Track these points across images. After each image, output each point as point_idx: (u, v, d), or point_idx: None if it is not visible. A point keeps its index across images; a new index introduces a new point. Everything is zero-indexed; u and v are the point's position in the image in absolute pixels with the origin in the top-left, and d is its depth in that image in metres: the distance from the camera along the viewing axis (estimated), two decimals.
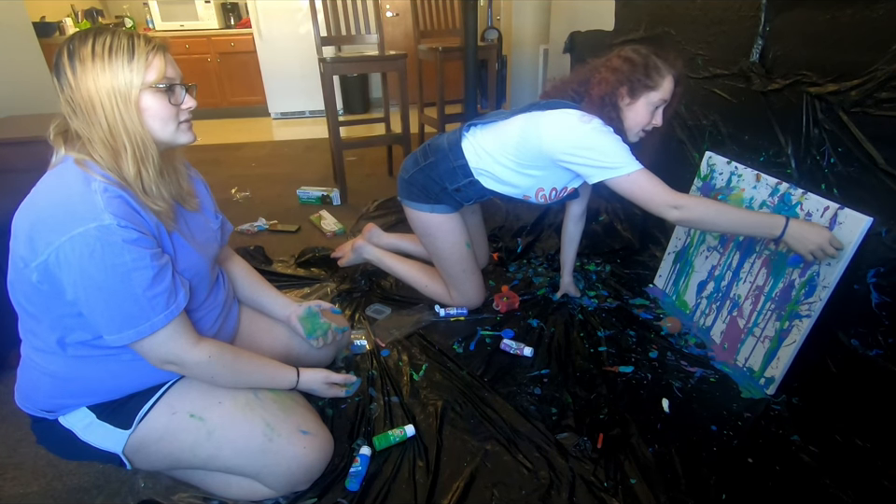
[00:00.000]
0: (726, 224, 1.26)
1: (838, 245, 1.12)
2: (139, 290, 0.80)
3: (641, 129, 1.36)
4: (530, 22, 4.00)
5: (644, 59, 1.30)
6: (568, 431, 1.23)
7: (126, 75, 0.79)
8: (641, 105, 1.32)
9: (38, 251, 0.77)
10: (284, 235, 2.44)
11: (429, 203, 1.56)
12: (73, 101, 0.79)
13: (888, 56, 1.03)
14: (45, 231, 0.76)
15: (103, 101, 0.78)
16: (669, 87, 1.31)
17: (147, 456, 0.97)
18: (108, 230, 0.76)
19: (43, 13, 4.29)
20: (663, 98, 1.31)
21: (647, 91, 1.30)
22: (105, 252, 0.76)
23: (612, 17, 2.32)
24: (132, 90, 0.79)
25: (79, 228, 0.75)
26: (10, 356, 1.45)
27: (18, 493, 1.12)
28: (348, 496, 1.07)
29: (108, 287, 0.78)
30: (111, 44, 0.78)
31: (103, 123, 0.79)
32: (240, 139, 4.30)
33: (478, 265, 1.73)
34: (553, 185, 1.47)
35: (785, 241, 1.17)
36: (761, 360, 1.34)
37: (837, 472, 1.07)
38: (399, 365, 1.48)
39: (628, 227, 2.20)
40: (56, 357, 0.89)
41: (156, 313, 0.83)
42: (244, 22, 4.89)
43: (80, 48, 0.78)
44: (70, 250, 0.75)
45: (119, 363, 0.91)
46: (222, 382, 0.98)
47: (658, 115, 1.34)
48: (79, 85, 0.78)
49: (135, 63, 0.79)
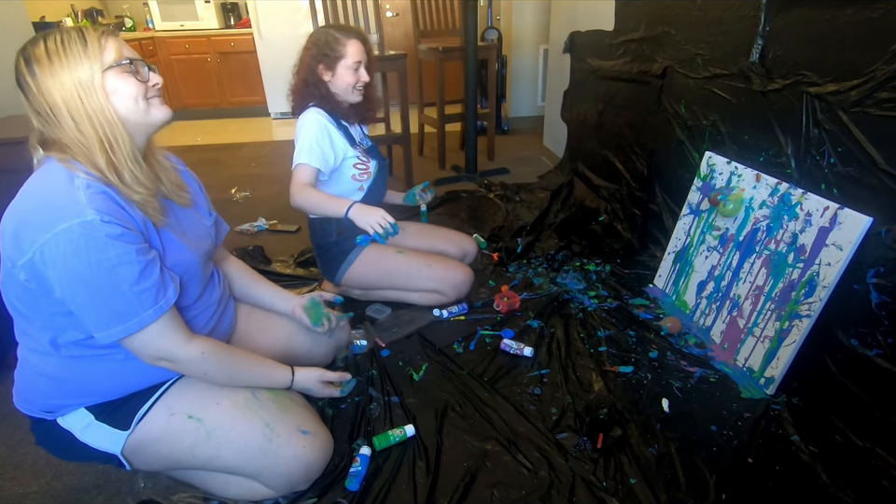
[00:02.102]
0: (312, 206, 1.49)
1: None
2: (125, 286, 0.80)
3: (353, 87, 1.55)
4: (530, 22, 4.00)
5: (325, 35, 1.52)
6: (568, 431, 1.23)
7: (85, 64, 0.79)
8: (342, 72, 1.52)
9: (24, 250, 0.77)
10: (283, 235, 2.44)
11: (344, 261, 1.68)
12: (39, 107, 0.79)
13: (888, 56, 1.03)
14: (30, 230, 0.76)
15: (66, 99, 0.78)
16: (357, 48, 1.51)
17: (146, 457, 0.97)
18: (91, 225, 0.75)
19: (43, 13, 4.29)
20: (356, 60, 1.52)
21: (338, 60, 1.51)
22: (90, 248, 0.76)
23: (612, 17, 2.33)
24: (94, 76, 0.79)
25: (63, 224, 0.74)
26: (10, 356, 1.45)
27: (18, 493, 1.12)
28: (348, 496, 1.07)
29: (94, 283, 0.78)
30: (62, 39, 0.78)
31: (69, 122, 0.79)
32: (240, 139, 4.30)
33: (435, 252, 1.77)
34: (352, 175, 1.61)
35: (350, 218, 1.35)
36: (760, 360, 1.34)
37: (837, 472, 1.07)
38: (399, 365, 1.48)
39: (628, 227, 2.20)
40: (50, 357, 0.89)
41: (144, 308, 0.82)
42: (243, 22, 4.89)
43: (34, 51, 0.78)
44: (54, 247, 0.75)
45: (114, 362, 0.90)
46: (216, 379, 0.98)
47: (362, 72, 1.54)
48: (41, 89, 0.78)
49: (90, 49, 0.79)
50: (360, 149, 1.63)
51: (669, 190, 1.94)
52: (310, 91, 1.54)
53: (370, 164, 1.64)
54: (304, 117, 1.54)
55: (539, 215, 2.46)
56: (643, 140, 2.12)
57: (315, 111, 1.53)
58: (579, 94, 2.83)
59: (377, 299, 1.79)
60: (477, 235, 2.21)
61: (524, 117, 4.37)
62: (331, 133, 1.54)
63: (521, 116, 4.37)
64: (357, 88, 1.56)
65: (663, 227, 1.97)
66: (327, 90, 1.55)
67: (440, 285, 1.69)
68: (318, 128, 1.51)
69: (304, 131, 1.51)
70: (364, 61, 1.54)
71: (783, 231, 1.32)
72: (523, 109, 4.36)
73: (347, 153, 1.58)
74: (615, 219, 2.29)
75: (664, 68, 1.89)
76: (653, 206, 2.04)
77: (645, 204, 2.09)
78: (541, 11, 3.89)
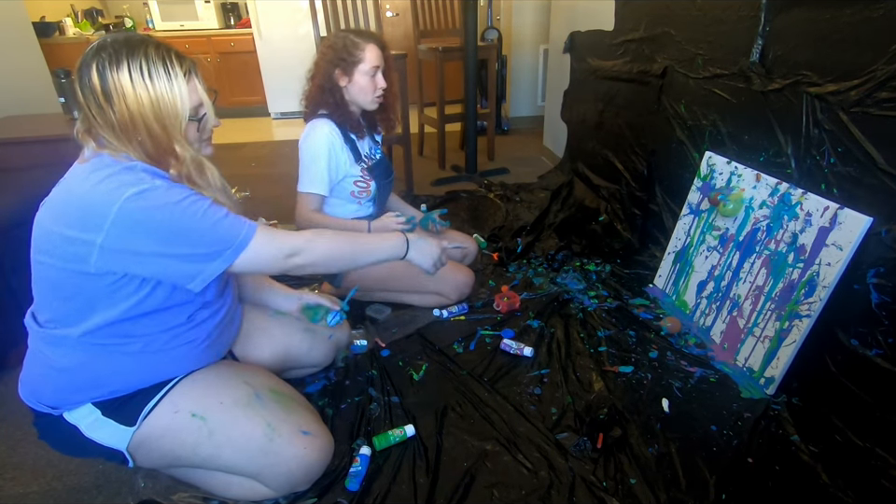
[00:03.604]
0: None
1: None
2: (211, 214, 0.85)
3: (372, 95, 1.52)
4: (530, 22, 4.00)
5: (342, 40, 1.49)
6: (568, 431, 1.23)
7: (171, 104, 0.83)
8: (358, 77, 1.49)
9: (96, 228, 0.78)
10: None
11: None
12: (106, 121, 0.82)
13: (888, 56, 1.03)
14: (97, 206, 0.78)
15: (149, 125, 0.82)
16: (375, 53, 1.49)
17: (148, 453, 0.97)
18: (154, 186, 0.81)
19: (43, 13, 4.29)
20: (374, 65, 1.49)
21: (356, 65, 1.48)
22: (161, 198, 0.81)
23: (612, 17, 2.32)
24: (179, 122, 0.84)
25: (130, 190, 0.79)
26: (10, 356, 1.45)
27: (18, 493, 1.12)
28: (348, 496, 1.07)
29: (182, 222, 0.82)
30: (149, 71, 0.81)
31: (147, 143, 0.83)
32: (240, 139, 4.29)
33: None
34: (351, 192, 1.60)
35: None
36: (761, 360, 1.34)
37: (837, 472, 1.07)
38: (399, 365, 1.48)
39: (628, 227, 2.20)
40: (68, 347, 0.89)
41: (240, 225, 0.88)
42: (243, 22, 4.89)
43: (115, 73, 0.79)
44: (129, 212, 0.79)
45: (126, 356, 0.91)
46: (344, 252, 1.04)
47: (379, 78, 1.52)
48: (116, 110, 0.81)
49: (175, 89, 0.83)
50: (364, 167, 1.61)
51: (669, 190, 1.94)
52: (325, 97, 1.52)
53: (370, 185, 1.62)
54: (313, 133, 1.51)
55: (539, 215, 2.46)
56: (643, 140, 2.12)
57: (324, 124, 1.51)
58: (579, 94, 2.83)
59: (377, 299, 1.79)
60: (477, 235, 2.21)
61: (523, 117, 4.37)
62: (337, 153, 1.53)
63: (521, 116, 4.37)
64: (376, 95, 1.53)
65: (663, 227, 1.97)
66: (342, 96, 1.52)
67: (441, 287, 1.69)
68: (326, 149, 1.50)
69: (310, 153, 1.50)
70: (382, 66, 1.52)
71: (783, 231, 1.32)
72: (522, 109, 4.37)
73: (350, 171, 1.57)
74: (615, 219, 2.29)
75: (664, 68, 1.89)
76: (653, 206, 2.04)
77: (645, 204, 2.09)
78: (541, 11, 3.89)
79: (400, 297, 1.75)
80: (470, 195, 2.82)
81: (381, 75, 1.52)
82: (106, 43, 0.81)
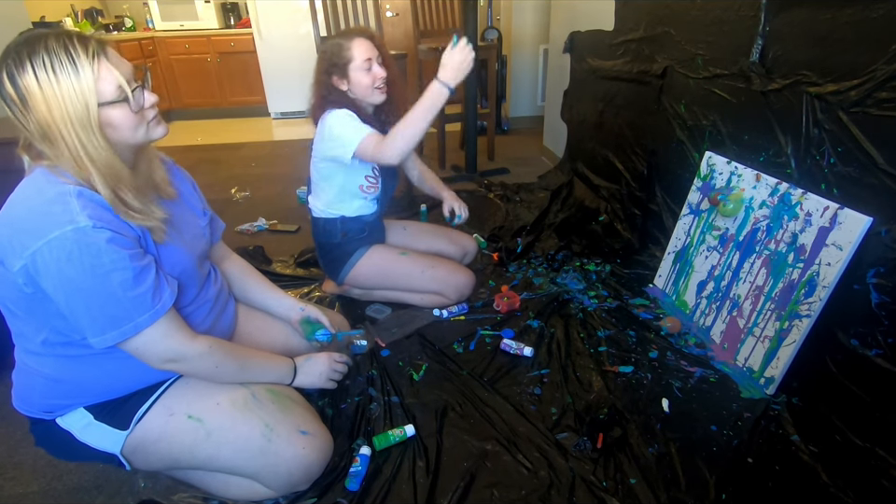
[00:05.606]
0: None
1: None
2: (120, 291, 0.79)
3: (372, 87, 1.50)
4: (530, 22, 4.00)
5: (331, 46, 1.49)
6: (568, 431, 1.23)
7: (79, 101, 0.74)
8: (355, 75, 1.48)
9: (18, 256, 0.76)
10: (283, 235, 2.43)
11: (347, 262, 1.68)
12: (30, 128, 0.76)
13: (888, 56, 1.03)
14: (23, 236, 0.75)
15: (62, 131, 0.75)
16: (364, 46, 1.47)
17: (145, 457, 0.97)
18: (84, 232, 0.75)
19: (43, 13, 4.28)
20: (365, 58, 1.47)
21: (348, 65, 1.47)
22: (83, 254, 0.75)
23: (612, 17, 2.32)
24: (90, 115, 0.76)
25: (56, 231, 0.74)
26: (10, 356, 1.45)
27: (18, 493, 1.12)
28: (348, 496, 1.07)
29: (88, 288, 0.78)
30: (52, 66, 0.73)
31: (65, 152, 0.77)
32: (240, 139, 4.29)
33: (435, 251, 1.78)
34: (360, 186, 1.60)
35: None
36: (760, 360, 1.34)
37: (837, 472, 1.07)
38: (399, 365, 1.48)
39: (628, 227, 2.20)
40: (46, 358, 0.89)
41: (139, 313, 0.82)
42: (243, 22, 4.89)
43: (23, 79, 0.73)
44: (48, 254, 0.75)
45: (113, 360, 0.90)
46: (226, 373, 0.98)
47: (376, 69, 1.49)
48: (33, 115, 0.75)
49: (83, 80, 0.75)
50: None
51: (669, 190, 1.94)
52: (330, 103, 1.50)
53: (378, 182, 1.63)
54: (331, 114, 1.48)
55: (539, 215, 2.46)
56: (643, 140, 2.12)
57: (339, 110, 1.48)
58: (578, 94, 2.83)
59: (377, 299, 1.79)
60: (477, 235, 2.21)
61: (523, 117, 4.37)
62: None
63: (521, 116, 4.37)
64: (377, 86, 1.51)
65: (663, 227, 1.97)
66: (346, 98, 1.51)
67: (442, 287, 1.69)
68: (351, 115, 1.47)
69: (339, 120, 1.46)
70: (375, 56, 1.49)
71: (783, 230, 1.32)
72: (522, 109, 4.36)
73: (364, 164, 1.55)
74: (615, 219, 2.29)
75: (664, 68, 1.89)
76: (653, 206, 2.04)
77: (645, 204, 2.09)
78: (541, 11, 3.88)
79: (400, 297, 1.75)
80: (470, 195, 2.82)
81: (377, 65, 1.50)
82: (11, 47, 0.75)
